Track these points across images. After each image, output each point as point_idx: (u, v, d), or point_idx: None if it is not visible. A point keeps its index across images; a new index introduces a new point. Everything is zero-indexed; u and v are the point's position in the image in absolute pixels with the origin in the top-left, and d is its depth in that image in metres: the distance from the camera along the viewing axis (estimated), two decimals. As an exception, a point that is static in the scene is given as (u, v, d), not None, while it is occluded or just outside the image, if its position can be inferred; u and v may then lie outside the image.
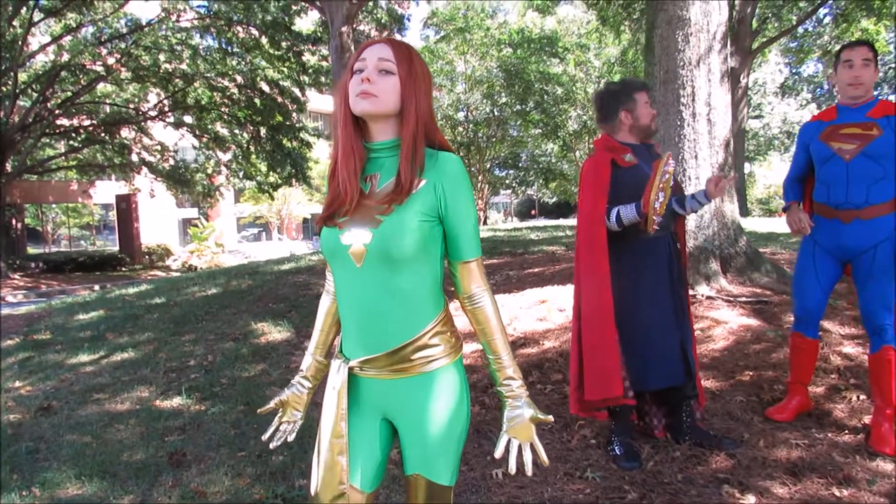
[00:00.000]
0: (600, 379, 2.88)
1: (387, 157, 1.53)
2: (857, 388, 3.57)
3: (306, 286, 7.28)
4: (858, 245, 3.04)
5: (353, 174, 1.50)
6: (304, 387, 1.79)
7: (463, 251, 1.52)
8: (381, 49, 1.46)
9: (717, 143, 5.10)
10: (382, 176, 1.52)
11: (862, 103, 3.08)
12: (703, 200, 2.95)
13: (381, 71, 1.45)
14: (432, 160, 1.49)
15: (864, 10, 16.87)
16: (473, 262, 1.54)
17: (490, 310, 1.54)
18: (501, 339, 1.54)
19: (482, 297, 1.54)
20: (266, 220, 35.90)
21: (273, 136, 20.01)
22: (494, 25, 23.71)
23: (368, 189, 1.53)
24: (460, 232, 1.51)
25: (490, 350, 1.55)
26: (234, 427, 3.74)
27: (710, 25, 5.03)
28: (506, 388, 1.54)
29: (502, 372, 1.54)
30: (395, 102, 1.46)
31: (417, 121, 1.47)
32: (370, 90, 1.43)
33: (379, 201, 1.47)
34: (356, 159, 1.51)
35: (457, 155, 1.54)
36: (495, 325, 1.54)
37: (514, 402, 1.52)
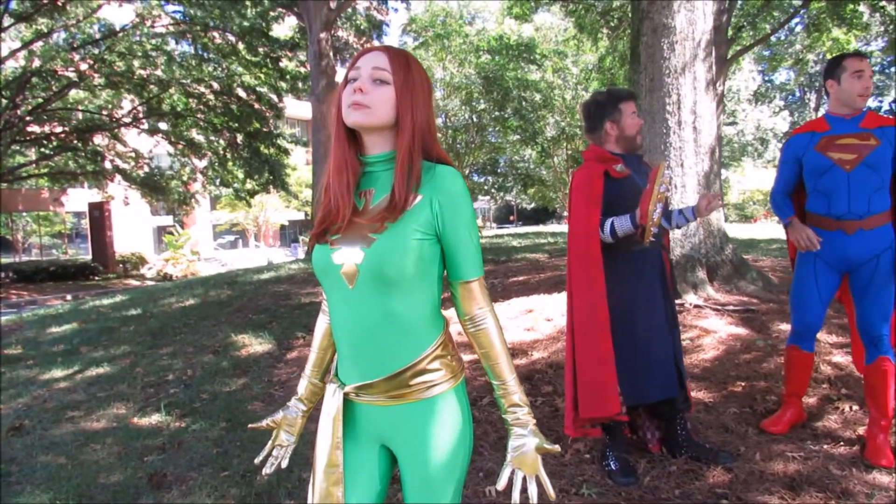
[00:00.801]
0: (596, 396, 2.81)
1: (382, 171, 1.45)
2: (849, 399, 3.55)
3: (287, 296, 7.15)
4: (862, 255, 3.02)
5: (345, 189, 1.42)
6: (298, 410, 1.72)
7: (463, 270, 1.44)
8: (377, 57, 1.39)
9: (702, 151, 5.09)
10: (377, 191, 1.44)
11: (854, 114, 3.06)
12: (690, 218, 2.90)
13: (375, 80, 1.37)
14: (429, 174, 1.41)
15: (836, 19, 17.11)
16: (475, 282, 1.46)
17: (494, 332, 1.46)
18: (506, 363, 1.46)
19: (484, 318, 1.46)
20: (243, 227, 35.51)
21: (250, 143, 19.76)
22: (473, 32, 23.73)
23: (362, 205, 1.44)
24: (460, 250, 1.42)
25: (494, 375, 1.47)
26: (217, 445, 3.62)
27: (695, 33, 5.02)
28: (511, 415, 1.45)
29: (507, 398, 1.46)
30: (389, 114, 1.38)
31: (414, 133, 1.39)
32: (363, 101, 1.36)
33: (372, 219, 1.39)
34: (349, 174, 1.43)
35: (456, 168, 1.47)
36: (499, 349, 1.46)
37: (519, 431, 1.44)
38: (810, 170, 3.13)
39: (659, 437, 3.18)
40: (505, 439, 2.40)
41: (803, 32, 20.95)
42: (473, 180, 29.47)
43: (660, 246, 2.99)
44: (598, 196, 2.85)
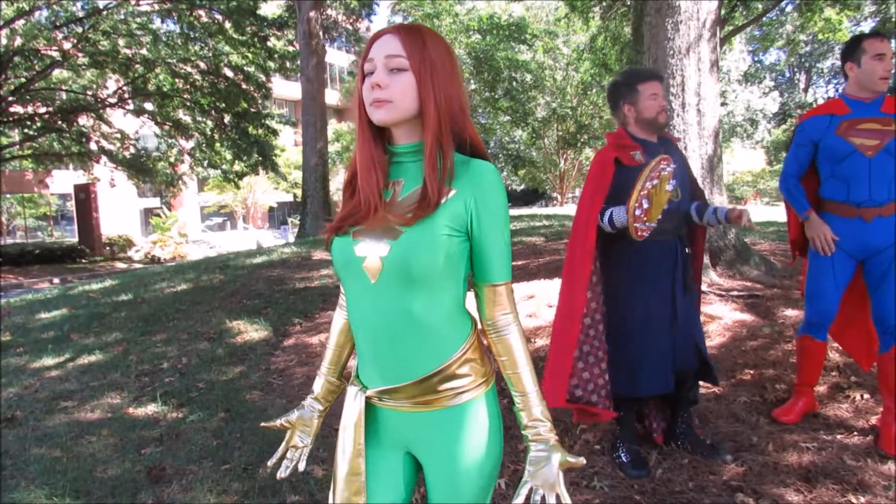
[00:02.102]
0: (548, 384, 2.73)
1: (411, 162, 1.35)
2: (860, 387, 3.50)
3: (281, 281, 7.04)
4: (881, 243, 2.95)
5: (375, 187, 1.32)
6: (314, 409, 1.61)
7: (492, 273, 1.35)
8: (389, 43, 1.27)
9: (706, 134, 5.01)
10: (407, 182, 1.35)
11: (873, 98, 2.97)
12: (722, 220, 2.82)
13: (391, 70, 1.26)
14: (464, 167, 1.31)
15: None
16: (503, 286, 1.36)
17: (518, 340, 1.37)
18: (529, 374, 1.36)
19: (509, 325, 1.37)
20: (231, 209, 35.21)
21: (238, 124, 19.50)
22: (463, 12, 23.45)
23: (390, 196, 1.35)
24: (491, 251, 1.33)
25: (515, 387, 1.37)
26: (216, 437, 3.53)
27: (699, 13, 4.92)
28: (531, 430, 1.35)
29: (529, 412, 1.36)
30: (413, 103, 1.28)
31: (440, 121, 1.28)
32: (383, 97, 1.26)
33: (401, 212, 1.29)
34: (377, 172, 1.33)
35: (492, 163, 1.37)
36: (523, 359, 1.37)
37: (539, 446, 1.34)
38: (828, 154, 3.05)
39: (664, 429, 3.13)
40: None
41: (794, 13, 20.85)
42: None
43: (676, 239, 2.88)
44: (606, 184, 2.76)
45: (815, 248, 3.10)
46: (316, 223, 14.69)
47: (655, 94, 2.82)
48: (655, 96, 2.82)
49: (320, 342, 5.01)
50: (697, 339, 2.97)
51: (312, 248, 9.52)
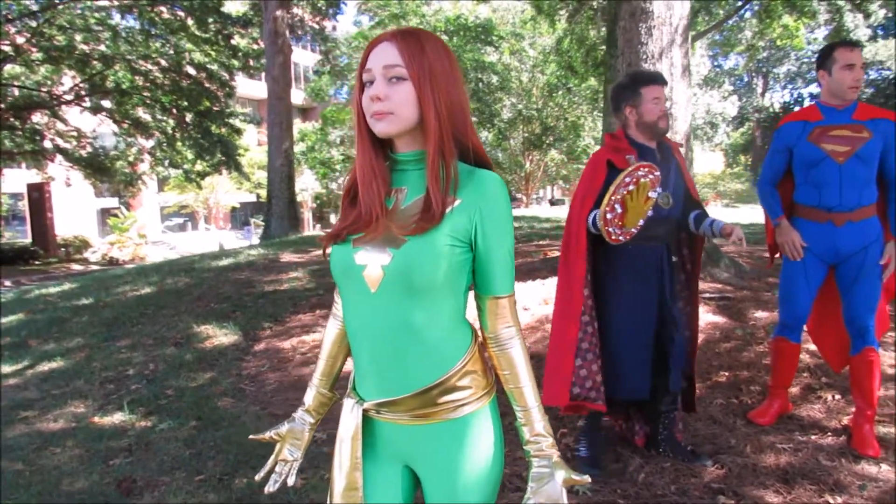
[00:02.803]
0: (550, 384, 2.74)
1: (414, 170, 1.32)
2: (830, 388, 3.57)
3: (249, 284, 6.92)
4: (851, 247, 3.00)
5: (376, 199, 1.28)
6: (305, 422, 1.56)
7: (495, 285, 1.32)
8: (386, 51, 1.23)
9: (678, 138, 5.05)
10: (410, 191, 1.31)
11: (846, 105, 3.02)
12: (716, 233, 2.83)
13: (390, 79, 1.22)
14: (469, 177, 1.28)
15: (787, 6, 17.42)
16: (506, 299, 1.33)
17: (520, 355, 1.34)
18: (532, 389, 1.33)
19: (512, 338, 1.34)
20: (192, 209, 34.57)
21: (201, 122, 19.13)
22: (430, 13, 23.42)
23: (392, 204, 1.31)
24: (494, 263, 1.30)
25: (517, 401, 1.33)
26: (188, 446, 3.43)
27: (672, 19, 4.96)
28: (534, 446, 1.31)
29: (531, 427, 1.32)
30: (414, 113, 1.24)
31: (441, 130, 1.24)
32: (383, 109, 1.22)
33: (404, 221, 1.25)
34: (379, 183, 1.29)
35: (498, 174, 1.33)
36: (525, 373, 1.33)
37: (542, 462, 1.30)
38: (802, 161, 3.09)
39: (646, 433, 3.14)
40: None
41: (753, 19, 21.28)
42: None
43: (663, 246, 2.88)
44: (597, 186, 2.77)
45: (785, 253, 3.15)
46: (281, 224, 14.50)
47: (658, 98, 2.80)
48: (657, 100, 2.80)
49: (293, 347, 4.92)
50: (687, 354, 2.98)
51: (279, 249, 9.38)
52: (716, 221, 2.84)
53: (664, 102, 2.83)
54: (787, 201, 3.22)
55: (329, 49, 21.98)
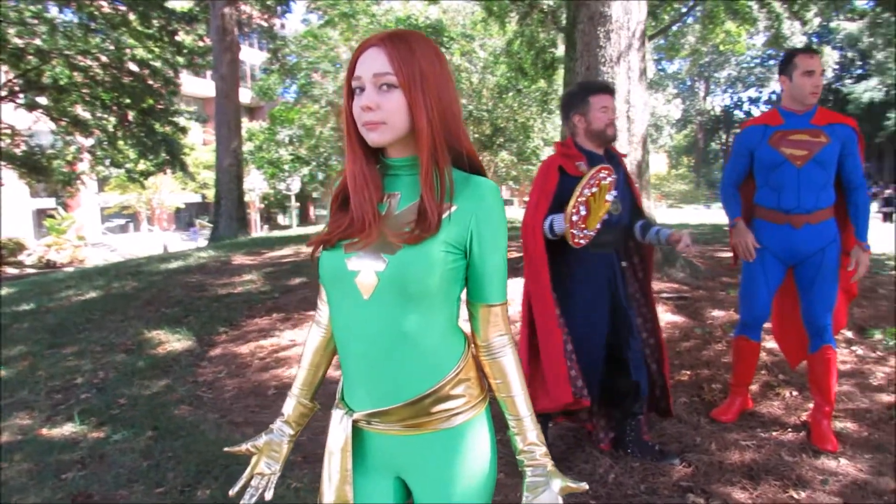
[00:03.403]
0: (556, 385, 2.75)
1: (407, 175, 1.29)
2: (788, 384, 3.67)
3: (201, 287, 6.73)
4: (809, 249, 3.08)
5: (369, 205, 1.25)
6: (284, 433, 1.50)
7: (489, 293, 1.30)
8: (375, 58, 1.20)
9: (635, 141, 5.14)
10: (403, 196, 1.29)
11: (806, 110, 3.10)
12: (662, 241, 2.88)
13: (381, 87, 1.20)
14: (465, 184, 1.26)
15: (729, 12, 17.95)
16: (499, 307, 1.32)
17: (513, 363, 1.32)
18: (524, 398, 1.32)
19: (505, 346, 1.32)
20: (134, 210, 33.56)
21: (144, 121, 18.57)
22: (381, 12, 23.25)
23: (385, 209, 1.28)
24: (489, 271, 1.29)
25: (509, 410, 1.32)
26: (146, 457, 3.31)
27: (630, 23, 5.03)
28: (527, 455, 1.30)
29: (524, 436, 1.30)
30: (405, 120, 1.22)
31: (434, 137, 1.22)
32: (375, 119, 1.20)
33: (399, 228, 1.23)
34: (371, 189, 1.27)
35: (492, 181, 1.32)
36: (518, 381, 1.32)
37: (536, 471, 1.29)
38: (762, 164, 3.17)
39: (611, 438, 3.15)
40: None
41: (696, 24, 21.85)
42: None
43: (613, 253, 2.92)
44: (550, 190, 2.79)
45: (738, 253, 3.22)
46: (230, 225, 14.21)
47: (606, 107, 2.84)
48: (605, 109, 2.84)
49: (251, 352, 4.80)
50: (649, 360, 3.00)
51: (230, 251, 9.16)
52: (662, 230, 2.90)
53: (612, 111, 2.88)
54: (750, 203, 3.29)
55: (278, 47, 21.64)
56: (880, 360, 3.94)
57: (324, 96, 23.21)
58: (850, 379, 3.70)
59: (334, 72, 23.82)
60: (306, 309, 5.70)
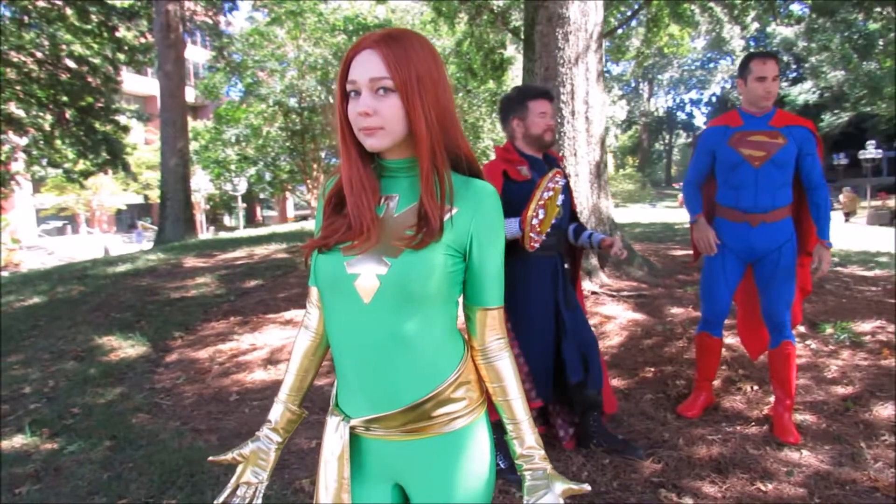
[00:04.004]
0: None
1: (405, 177, 1.28)
2: (748, 379, 3.76)
3: (152, 291, 6.53)
4: (766, 247, 3.17)
5: (366, 209, 1.23)
6: (272, 441, 1.43)
7: (486, 296, 1.30)
8: (370, 61, 1.17)
9: (594, 141, 5.20)
10: (402, 198, 1.27)
11: (765, 112, 3.19)
12: (594, 245, 2.96)
13: (377, 91, 1.17)
14: (465, 188, 1.26)
15: (673, 16, 18.41)
16: (496, 311, 1.31)
17: (509, 367, 1.31)
18: (521, 401, 1.31)
19: (502, 350, 1.32)
20: (73, 211, 32.38)
21: (83, 119, 17.93)
22: (328, 11, 22.99)
23: (383, 212, 1.26)
24: (487, 275, 1.28)
25: (507, 414, 1.31)
26: (105, 468, 3.18)
27: (587, 25, 5.10)
28: (526, 459, 1.29)
29: (522, 440, 1.30)
30: (403, 124, 1.20)
31: (432, 141, 1.20)
32: (373, 124, 1.18)
33: (399, 231, 1.22)
34: (368, 193, 1.24)
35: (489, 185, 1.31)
36: (514, 385, 1.31)
37: (535, 475, 1.28)
38: (722, 164, 3.25)
39: (573, 434, 3.18)
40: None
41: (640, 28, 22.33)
42: (331, 163, 28.81)
43: (556, 256, 2.95)
44: None
45: (700, 249, 3.30)
46: (176, 227, 13.84)
47: (544, 112, 2.86)
48: (544, 115, 2.85)
49: (209, 357, 4.68)
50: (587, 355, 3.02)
51: (180, 254, 8.93)
52: (594, 234, 2.97)
53: (550, 117, 2.90)
54: (712, 201, 3.37)
55: (223, 45, 21.18)
56: (833, 354, 4.09)
57: (271, 95, 22.82)
58: (807, 372, 3.82)
59: (281, 70, 23.48)
60: (265, 312, 5.60)
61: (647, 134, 52.24)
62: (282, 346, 4.79)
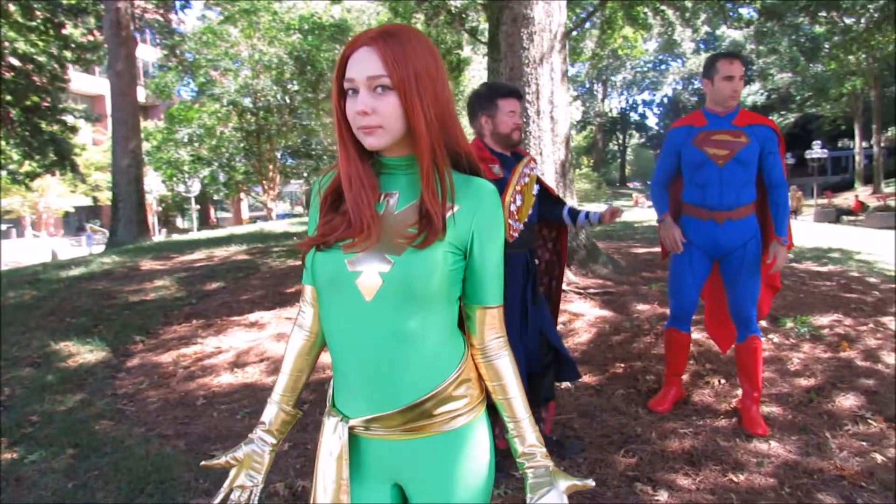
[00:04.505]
0: None
1: (404, 174, 1.26)
2: (715, 373, 3.84)
3: (109, 295, 6.34)
4: (731, 243, 3.24)
5: (366, 207, 1.21)
6: (266, 443, 1.39)
7: (486, 295, 1.29)
8: (367, 59, 1.15)
9: (559, 140, 5.25)
10: (402, 195, 1.25)
11: (728, 111, 3.27)
12: (594, 221, 2.98)
13: (375, 89, 1.15)
14: (465, 186, 1.25)
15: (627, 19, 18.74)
16: (496, 309, 1.31)
17: (509, 365, 1.31)
18: (521, 400, 1.30)
19: (502, 349, 1.31)
20: (18, 214, 31.29)
21: (28, 119, 17.35)
22: (283, 9, 22.73)
23: (383, 209, 1.25)
24: (488, 273, 1.28)
25: (508, 413, 1.30)
26: (70, 477, 3.08)
27: (552, 25, 5.14)
28: (528, 457, 1.28)
29: (523, 438, 1.28)
30: (402, 123, 1.18)
31: (432, 140, 1.19)
32: (372, 123, 1.16)
33: (401, 229, 1.21)
34: (368, 191, 1.22)
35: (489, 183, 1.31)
36: (514, 384, 1.30)
37: (538, 472, 1.27)
38: (687, 163, 3.31)
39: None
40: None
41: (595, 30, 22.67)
42: (287, 163, 28.43)
43: (526, 252, 2.96)
44: None
45: (666, 247, 3.36)
46: (129, 229, 13.48)
47: (513, 111, 2.85)
48: (513, 114, 2.85)
49: (173, 361, 4.57)
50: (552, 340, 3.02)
51: (136, 257, 8.70)
52: (591, 213, 2.99)
53: (518, 116, 2.90)
54: (679, 200, 3.43)
55: (175, 44, 20.76)
56: (794, 347, 4.21)
57: (225, 95, 22.44)
58: (771, 365, 3.92)
59: (235, 70, 23.11)
60: (228, 314, 5.49)
61: (602, 134, 53.08)
62: (248, 348, 4.71)
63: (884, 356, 4.04)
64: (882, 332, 4.45)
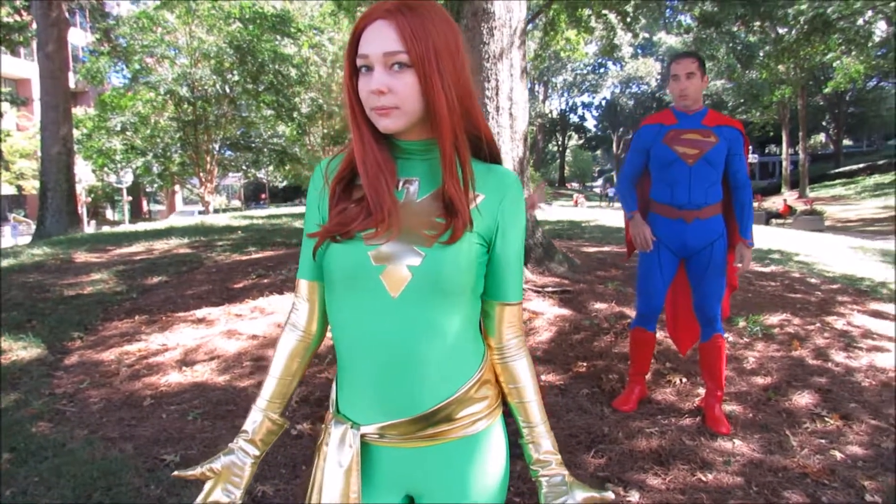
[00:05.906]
0: None
1: (423, 160, 1.17)
2: (676, 372, 3.88)
3: (42, 288, 5.99)
4: (699, 243, 3.26)
5: (386, 193, 1.12)
6: (247, 454, 1.24)
7: (508, 291, 1.22)
8: (384, 33, 1.05)
9: (517, 137, 5.22)
10: (423, 182, 1.16)
11: (696, 111, 3.29)
12: None
13: (392, 66, 1.06)
14: (488, 174, 1.18)
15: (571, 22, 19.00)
16: (516, 306, 1.24)
17: (527, 367, 1.24)
18: (538, 404, 1.24)
19: (521, 349, 1.24)
20: (-68, 203, 29.50)
21: (-53, 102, 16.39)
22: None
23: (403, 196, 1.16)
24: (510, 268, 1.21)
25: (523, 417, 1.23)
26: (7, 484, 2.85)
27: (512, 21, 5.11)
28: (543, 465, 1.22)
29: (538, 445, 1.22)
30: (420, 103, 1.08)
31: (453, 122, 1.09)
32: (388, 104, 1.06)
33: (424, 218, 1.13)
34: (387, 176, 1.13)
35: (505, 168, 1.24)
36: (533, 387, 1.24)
37: (553, 481, 1.22)
38: (657, 161, 3.32)
39: None
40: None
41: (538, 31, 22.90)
42: (226, 156, 27.66)
43: None
44: None
45: (636, 245, 3.37)
46: (59, 220, 12.84)
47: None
48: None
49: (116, 359, 4.33)
50: None
51: (69, 248, 8.27)
52: None
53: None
54: (647, 198, 3.44)
55: (109, 28, 19.91)
56: (749, 346, 4.29)
57: (161, 83, 21.64)
58: (728, 364, 3.97)
59: (172, 58, 22.34)
60: (174, 310, 5.25)
61: (542, 135, 53.80)
62: (196, 346, 4.50)
63: (833, 355, 4.17)
64: (829, 331, 4.59)
